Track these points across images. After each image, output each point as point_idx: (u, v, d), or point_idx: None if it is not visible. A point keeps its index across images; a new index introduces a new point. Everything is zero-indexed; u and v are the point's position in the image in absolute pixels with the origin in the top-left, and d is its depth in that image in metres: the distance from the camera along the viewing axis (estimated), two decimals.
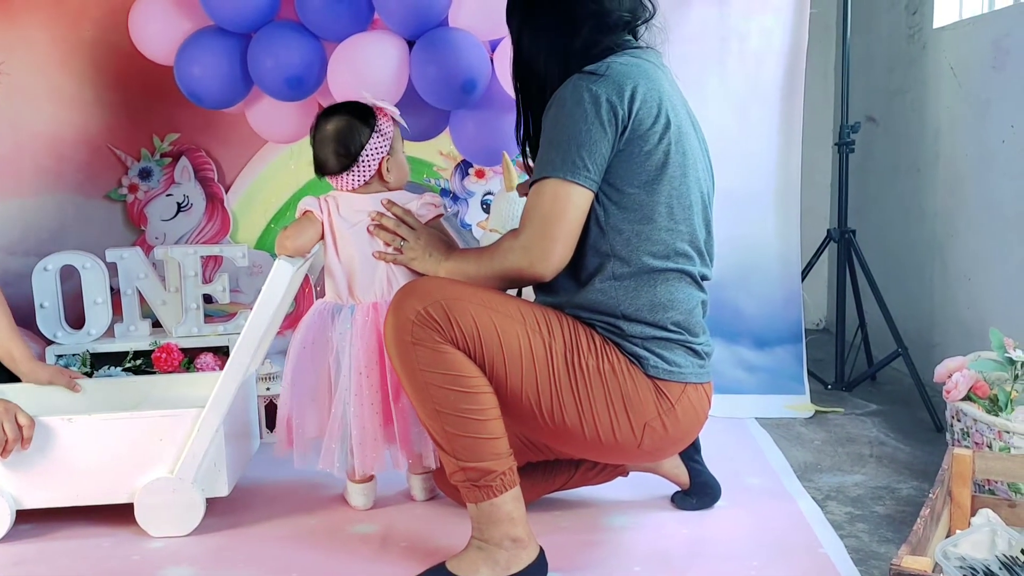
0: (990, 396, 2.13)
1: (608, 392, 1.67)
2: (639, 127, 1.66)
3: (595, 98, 1.64)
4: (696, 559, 1.83)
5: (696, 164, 1.75)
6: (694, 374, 1.73)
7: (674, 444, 1.77)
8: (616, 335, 1.70)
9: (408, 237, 1.94)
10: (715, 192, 1.86)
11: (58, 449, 1.92)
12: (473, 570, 1.67)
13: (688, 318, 1.73)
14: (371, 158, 2.00)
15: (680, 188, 1.70)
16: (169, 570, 1.82)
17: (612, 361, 1.68)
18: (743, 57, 2.93)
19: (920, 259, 3.25)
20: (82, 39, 2.96)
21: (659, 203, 1.69)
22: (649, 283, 1.69)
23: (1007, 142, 2.67)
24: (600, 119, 1.64)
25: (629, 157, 1.67)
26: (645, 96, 1.67)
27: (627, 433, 1.69)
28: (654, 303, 1.70)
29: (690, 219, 1.72)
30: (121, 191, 3.05)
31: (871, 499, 2.15)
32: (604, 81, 1.66)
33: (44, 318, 2.67)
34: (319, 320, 2.02)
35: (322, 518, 2.06)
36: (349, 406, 1.94)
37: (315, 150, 2.03)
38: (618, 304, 1.69)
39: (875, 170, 3.63)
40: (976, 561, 1.52)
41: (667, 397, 1.70)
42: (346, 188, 2.02)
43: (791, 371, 2.91)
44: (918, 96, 3.25)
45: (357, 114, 2.01)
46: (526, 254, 1.68)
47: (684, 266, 1.72)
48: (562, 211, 1.66)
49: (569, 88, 1.68)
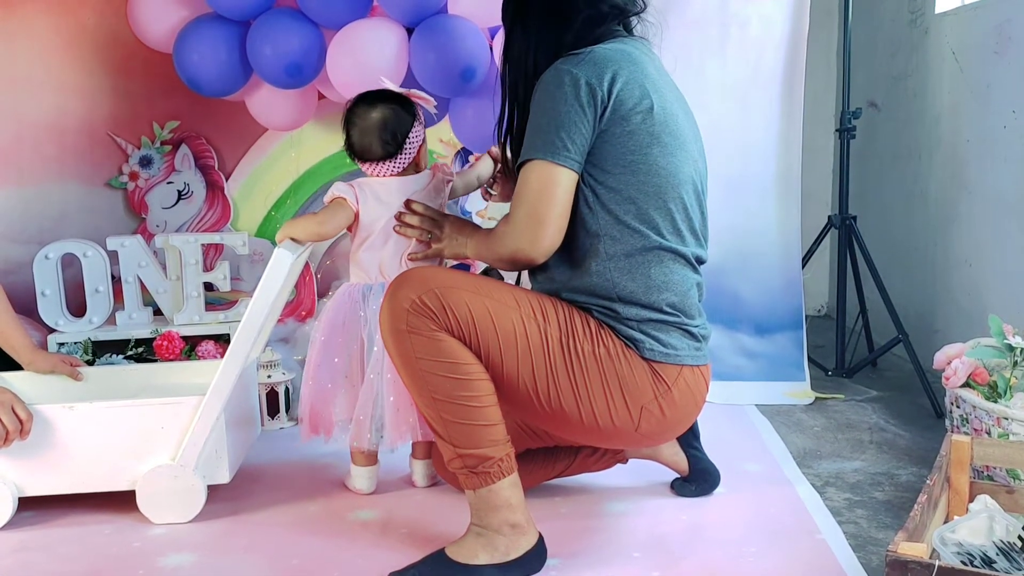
0: (989, 383, 2.13)
1: (604, 376, 1.68)
2: (619, 107, 1.67)
3: (574, 80, 1.65)
4: (695, 545, 1.84)
5: (687, 146, 1.75)
6: (690, 356, 1.73)
7: (672, 428, 1.77)
8: (612, 318, 1.70)
9: (433, 229, 1.97)
10: (711, 178, 1.86)
11: (60, 437, 1.93)
12: (472, 556, 1.68)
13: (683, 300, 1.73)
14: (413, 145, 2.02)
15: (669, 168, 1.70)
16: (171, 556, 1.83)
17: (608, 345, 1.69)
18: (744, 43, 2.92)
19: (921, 245, 3.24)
20: (83, 27, 2.95)
21: (647, 183, 1.69)
22: (643, 264, 1.70)
23: (1008, 128, 2.66)
24: (580, 101, 1.65)
25: (612, 138, 1.68)
26: (628, 78, 1.68)
27: (624, 417, 1.70)
28: (649, 284, 1.70)
29: (681, 199, 1.73)
30: (122, 179, 3.06)
31: (870, 485, 2.15)
32: (584, 64, 1.67)
33: (45, 306, 2.68)
34: (349, 301, 2.02)
35: (323, 504, 2.07)
36: (381, 376, 1.95)
37: (356, 137, 2.01)
38: (613, 286, 1.70)
39: (876, 156, 3.62)
40: (973, 547, 1.53)
41: (663, 380, 1.70)
42: (383, 175, 2.02)
43: (791, 358, 2.91)
44: (920, 82, 3.23)
45: (400, 103, 2.01)
46: (517, 238, 1.69)
47: (677, 246, 1.72)
48: (548, 192, 1.67)
49: (551, 73, 1.69)
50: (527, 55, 1.78)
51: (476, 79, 2.41)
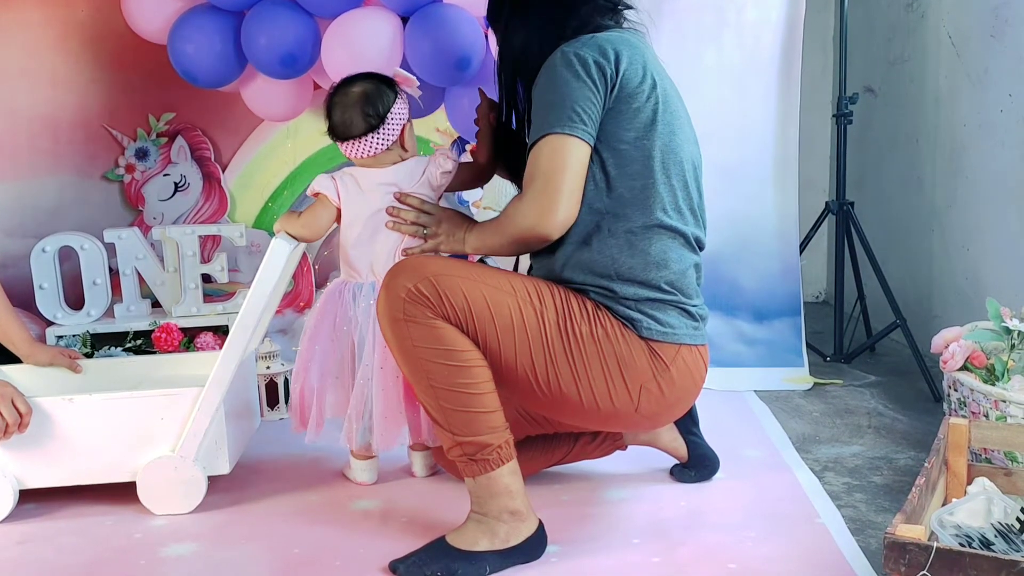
0: (987, 366, 2.13)
1: (603, 356, 1.68)
2: (627, 85, 1.69)
3: (582, 60, 1.67)
4: (695, 530, 1.84)
5: (685, 129, 1.78)
6: (688, 335, 1.74)
7: (671, 408, 1.78)
8: (609, 298, 1.71)
9: (429, 224, 1.92)
10: (707, 164, 1.87)
11: (60, 429, 1.93)
12: (473, 543, 1.68)
13: (681, 279, 1.74)
14: (396, 122, 1.96)
15: (670, 145, 1.73)
16: (172, 547, 1.83)
17: (605, 325, 1.69)
18: (740, 28, 2.92)
19: (918, 230, 3.24)
20: (77, 20, 2.94)
21: (653, 158, 1.70)
22: (643, 241, 1.71)
23: (1005, 112, 2.65)
24: (591, 76, 1.66)
25: (619, 114, 1.69)
26: (630, 58, 1.70)
27: (624, 397, 1.70)
28: (647, 262, 1.71)
29: (683, 176, 1.74)
30: (118, 171, 3.05)
31: (869, 469, 2.16)
32: (588, 46, 1.69)
33: (44, 299, 2.67)
34: (339, 301, 1.99)
35: (323, 494, 2.08)
36: (372, 381, 1.93)
37: (337, 114, 1.96)
38: (613, 262, 1.70)
39: (874, 141, 3.62)
40: (972, 529, 1.53)
41: (661, 359, 1.71)
42: (366, 154, 1.96)
43: (790, 344, 2.91)
44: (917, 66, 3.23)
45: (380, 79, 1.99)
46: (531, 212, 1.68)
47: (677, 225, 1.73)
48: (563, 164, 1.66)
49: (556, 56, 1.70)
50: (530, 50, 1.78)
51: (471, 68, 2.41)
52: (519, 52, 1.81)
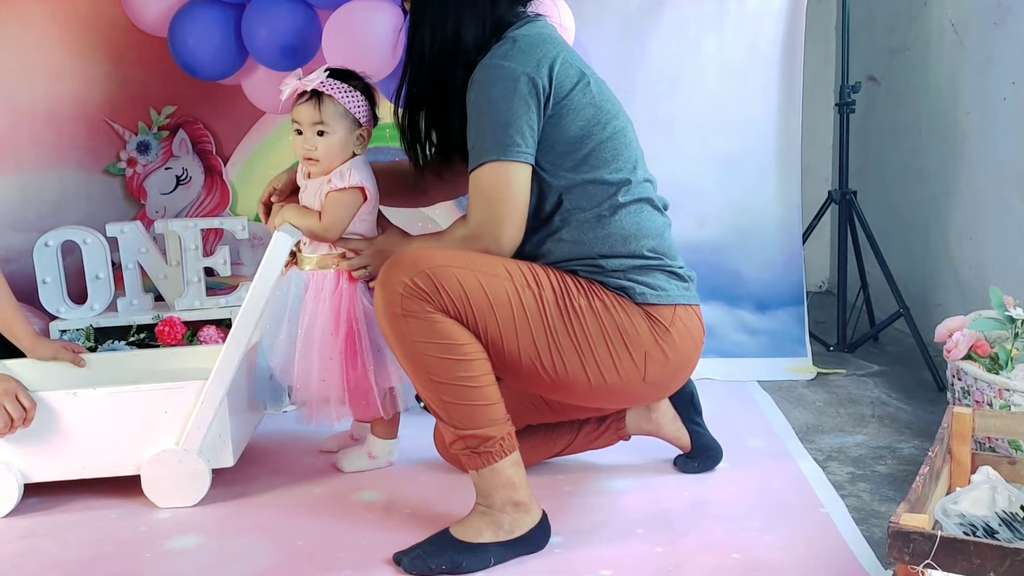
0: (990, 355, 2.13)
1: (604, 329, 1.70)
2: (560, 91, 1.71)
3: (513, 75, 1.67)
4: (698, 521, 1.85)
5: (622, 113, 1.81)
6: (681, 296, 1.77)
7: (677, 372, 1.80)
8: (598, 273, 1.74)
9: (363, 262, 1.94)
10: (709, 154, 1.88)
11: (64, 423, 1.94)
12: (477, 534, 1.68)
13: (661, 243, 1.78)
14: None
15: (616, 127, 1.76)
16: (176, 540, 1.84)
17: (601, 297, 1.71)
18: (742, 18, 2.90)
19: (921, 219, 3.24)
20: (77, 13, 2.93)
21: (602, 146, 1.74)
22: (615, 219, 1.74)
23: (1008, 99, 2.65)
24: (522, 95, 1.67)
25: (559, 119, 1.72)
26: (561, 60, 1.72)
27: (629, 368, 1.71)
28: (625, 235, 1.74)
29: (634, 155, 1.79)
30: (120, 165, 3.05)
31: (872, 459, 2.16)
32: (515, 56, 1.69)
33: (46, 293, 2.67)
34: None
35: (327, 487, 2.08)
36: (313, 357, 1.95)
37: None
38: (592, 247, 1.74)
39: (876, 130, 3.61)
40: (976, 518, 1.53)
41: (660, 322, 1.73)
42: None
43: (793, 333, 2.91)
44: (919, 54, 3.22)
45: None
46: (477, 240, 1.72)
47: (642, 194, 1.77)
48: (504, 191, 1.69)
49: (485, 72, 1.70)
50: (446, 23, 1.75)
51: None
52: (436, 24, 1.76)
